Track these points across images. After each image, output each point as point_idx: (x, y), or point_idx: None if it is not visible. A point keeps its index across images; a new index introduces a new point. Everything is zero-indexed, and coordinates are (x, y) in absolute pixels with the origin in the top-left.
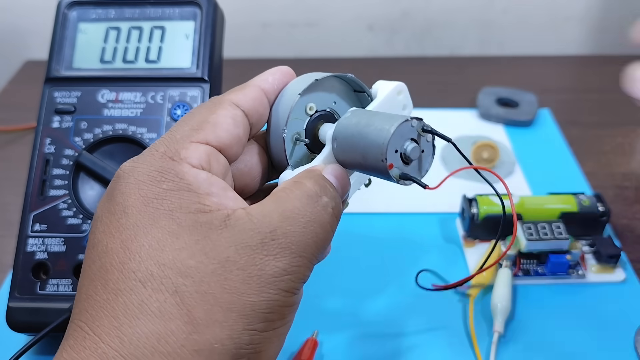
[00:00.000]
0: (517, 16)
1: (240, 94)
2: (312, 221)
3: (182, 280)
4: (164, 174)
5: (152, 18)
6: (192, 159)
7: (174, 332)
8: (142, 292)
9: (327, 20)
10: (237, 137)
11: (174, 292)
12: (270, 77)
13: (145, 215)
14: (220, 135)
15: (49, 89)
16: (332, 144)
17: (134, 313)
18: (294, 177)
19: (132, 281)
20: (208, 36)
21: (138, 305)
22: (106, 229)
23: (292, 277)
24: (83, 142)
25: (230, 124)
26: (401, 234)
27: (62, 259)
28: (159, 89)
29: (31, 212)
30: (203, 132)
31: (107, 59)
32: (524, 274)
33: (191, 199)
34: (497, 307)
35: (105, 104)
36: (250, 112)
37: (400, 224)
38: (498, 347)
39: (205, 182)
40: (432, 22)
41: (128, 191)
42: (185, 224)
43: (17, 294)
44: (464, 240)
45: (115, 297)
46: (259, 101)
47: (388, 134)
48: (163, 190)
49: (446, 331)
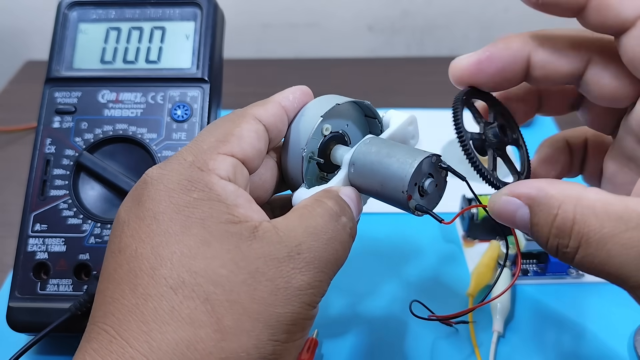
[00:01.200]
0: (517, 16)
1: (262, 109)
2: (333, 238)
3: (214, 288)
4: (193, 183)
5: (152, 18)
6: (220, 170)
7: (203, 340)
8: (173, 299)
9: (327, 21)
10: (259, 151)
11: (205, 299)
12: (291, 95)
13: (177, 223)
14: (244, 148)
15: (50, 89)
16: (348, 168)
17: (164, 319)
18: (315, 196)
19: (163, 287)
20: (208, 37)
21: (168, 311)
22: (135, 233)
23: (314, 292)
24: (83, 142)
25: (253, 138)
26: (401, 234)
27: (62, 259)
28: (159, 89)
29: (32, 212)
30: (229, 145)
31: (107, 60)
32: (523, 274)
33: (221, 209)
34: (496, 307)
35: (105, 104)
36: (271, 127)
37: (400, 224)
38: (498, 347)
39: (232, 193)
40: (432, 22)
41: (158, 198)
42: (216, 233)
43: (18, 293)
44: (463, 240)
45: (145, 302)
46: (279, 118)
47: (411, 167)
48: (194, 199)
49: (446, 331)
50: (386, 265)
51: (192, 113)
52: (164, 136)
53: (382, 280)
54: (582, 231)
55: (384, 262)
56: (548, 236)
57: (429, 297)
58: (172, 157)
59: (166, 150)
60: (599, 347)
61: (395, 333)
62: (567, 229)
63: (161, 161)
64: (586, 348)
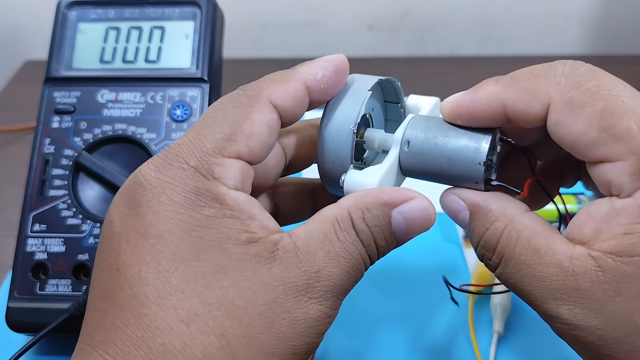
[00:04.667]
0: (517, 15)
1: (280, 90)
2: (354, 267)
3: (230, 322)
4: (201, 198)
5: (151, 18)
6: (228, 179)
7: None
8: (185, 333)
9: (327, 20)
10: (269, 147)
11: (221, 334)
12: (320, 72)
13: (188, 245)
14: (252, 148)
15: (49, 89)
16: (401, 147)
17: (174, 356)
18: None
19: (173, 320)
20: (208, 36)
21: (180, 348)
22: (136, 252)
23: (330, 320)
24: (82, 142)
25: (265, 134)
26: None
27: (61, 259)
28: (158, 89)
29: (31, 212)
30: (236, 145)
31: (106, 59)
32: None
33: (237, 227)
34: (497, 308)
35: (104, 104)
36: (287, 113)
37: None
38: (498, 347)
39: (245, 204)
40: (433, 22)
41: (163, 212)
42: (234, 257)
43: (17, 294)
44: (463, 240)
45: (153, 335)
46: (299, 101)
47: (488, 137)
48: (205, 217)
49: (446, 331)
50: (386, 265)
51: (192, 113)
52: (163, 136)
53: (382, 281)
54: (503, 252)
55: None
56: (477, 245)
57: (429, 297)
58: (170, 155)
59: None
60: None
61: (394, 333)
62: (492, 245)
63: None
64: None
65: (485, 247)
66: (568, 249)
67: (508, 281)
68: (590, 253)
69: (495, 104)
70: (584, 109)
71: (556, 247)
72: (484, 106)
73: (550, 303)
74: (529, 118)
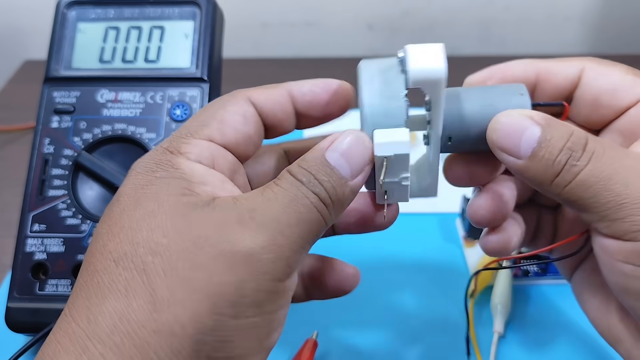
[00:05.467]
0: (517, 15)
1: (262, 93)
2: (294, 201)
3: (152, 258)
4: (159, 165)
5: (151, 18)
6: (191, 154)
7: (135, 311)
8: (114, 271)
9: (327, 20)
10: (245, 135)
11: (142, 270)
12: (307, 87)
13: (132, 200)
14: (225, 132)
15: (48, 89)
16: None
17: (103, 292)
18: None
19: (107, 261)
20: (207, 36)
21: (108, 284)
22: (101, 218)
23: (270, 257)
24: (82, 142)
25: (238, 122)
26: (401, 234)
27: (61, 259)
28: (158, 89)
29: (30, 212)
30: (207, 129)
31: (106, 59)
32: (523, 274)
33: (180, 184)
34: (497, 308)
35: (104, 104)
36: (266, 112)
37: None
38: (498, 347)
39: (200, 173)
40: (433, 22)
41: (125, 182)
42: (166, 204)
43: (16, 294)
44: (464, 240)
45: (92, 277)
46: (281, 105)
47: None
48: (155, 177)
49: (446, 331)
50: (386, 265)
51: (192, 113)
52: (163, 136)
53: (382, 280)
54: (594, 147)
55: (383, 262)
56: (560, 150)
57: (429, 297)
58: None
59: None
60: (599, 348)
61: (395, 333)
62: (581, 143)
63: None
64: (586, 349)
65: (573, 147)
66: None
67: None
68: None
69: (531, 68)
70: (614, 66)
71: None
72: (518, 69)
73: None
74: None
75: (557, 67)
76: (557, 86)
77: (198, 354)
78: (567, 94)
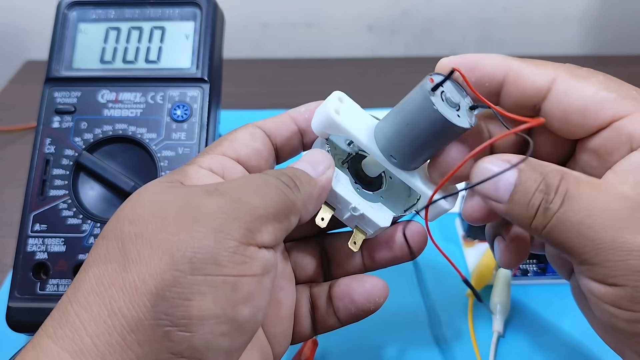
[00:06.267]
0: (517, 15)
1: (267, 120)
2: (256, 178)
3: (127, 226)
4: (174, 171)
5: (152, 18)
6: (203, 162)
7: (109, 273)
8: (99, 244)
9: (327, 21)
10: (255, 150)
11: (119, 238)
12: (304, 107)
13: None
14: (236, 148)
15: (49, 89)
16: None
17: (87, 263)
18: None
19: (100, 239)
20: (208, 36)
21: (92, 256)
22: None
23: (226, 217)
24: (83, 142)
25: (247, 139)
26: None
27: (62, 259)
28: (158, 89)
29: (31, 212)
30: (220, 147)
31: (107, 59)
32: (523, 274)
33: (174, 177)
34: (496, 307)
35: (105, 104)
36: (273, 132)
37: None
38: (498, 347)
39: (202, 174)
40: (432, 22)
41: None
42: (151, 187)
43: (17, 294)
44: (463, 240)
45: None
46: (285, 126)
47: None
48: (163, 177)
49: (446, 331)
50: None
51: (192, 113)
52: (163, 136)
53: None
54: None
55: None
56: (533, 193)
57: (429, 296)
58: None
59: (166, 150)
60: (599, 347)
61: (395, 333)
62: (554, 185)
63: (161, 161)
64: (586, 348)
65: (546, 190)
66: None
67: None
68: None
69: (501, 66)
70: (589, 79)
71: (614, 181)
72: (488, 63)
73: (626, 234)
74: (527, 85)
75: (527, 71)
76: (524, 93)
77: (156, 309)
78: (533, 102)
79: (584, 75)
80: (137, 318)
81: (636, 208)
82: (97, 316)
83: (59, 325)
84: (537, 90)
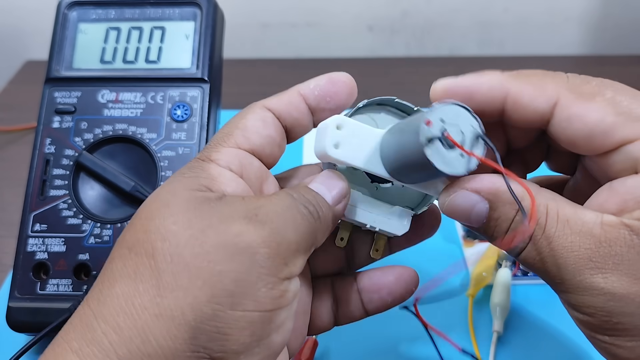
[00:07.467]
0: (517, 16)
1: (275, 99)
2: (291, 207)
3: (161, 244)
4: (191, 169)
5: (152, 18)
6: (221, 160)
7: (140, 294)
8: (127, 257)
9: (327, 21)
10: (268, 138)
11: (151, 255)
12: (313, 83)
13: (153, 195)
14: (250, 138)
15: (49, 89)
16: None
17: (115, 277)
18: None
19: (123, 249)
20: (208, 36)
21: (120, 269)
22: None
23: (268, 252)
24: (83, 142)
25: (259, 127)
26: None
27: (62, 259)
28: (159, 89)
29: (31, 212)
30: (233, 137)
31: (107, 59)
32: (523, 274)
33: (200, 182)
34: (496, 307)
35: (105, 104)
36: (283, 115)
37: None
38: (497, 347)
39: (227, 177)
40: (432, 22)
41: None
42: (180, 197)
43: (18, 293)
44: (463, 240)
45: (109, 265)
46: (294, 105)
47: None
48: (183, 177)
49: (446, 331)
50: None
51: (192, 113)
52: (163, 136)
53: None
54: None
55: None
56: (507, 229)
57: (429, 297)
58: None
59: (166, 150)
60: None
61: (395, 333)
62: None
63: (161, 161)
64: (586, 348)
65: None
66: (597, 216)
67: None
68: (622, 220)
69: (499, 91)
70: (594, 98)
71: (584, 217)
72: (485, 89)
73: (584, 274)
74: (529, 113)
75: (526, 96)
76: (525, 120)
77: (194, 342)
78: (537, 126)
79: (589, 93)
80: (173, 349)
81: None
82: (129, 341)
83: (85, 343)
84: (539, 117)
